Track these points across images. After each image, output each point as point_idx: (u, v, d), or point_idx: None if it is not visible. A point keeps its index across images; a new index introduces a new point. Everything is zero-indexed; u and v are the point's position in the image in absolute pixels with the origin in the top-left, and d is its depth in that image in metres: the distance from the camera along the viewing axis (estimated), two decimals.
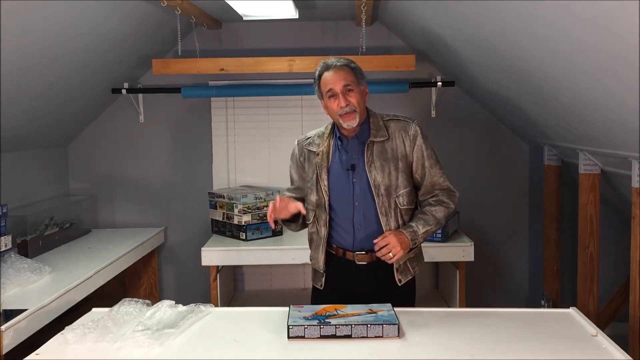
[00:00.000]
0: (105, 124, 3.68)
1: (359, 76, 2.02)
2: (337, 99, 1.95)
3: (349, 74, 1.98)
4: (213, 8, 3.13)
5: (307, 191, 2.10)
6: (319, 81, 2.02)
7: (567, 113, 2.42)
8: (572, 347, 1.65)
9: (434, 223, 2.01)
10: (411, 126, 2.03)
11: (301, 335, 1.71)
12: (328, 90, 1.97)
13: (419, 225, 1.98)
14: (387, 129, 2.03)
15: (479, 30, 2.37)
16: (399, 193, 2.00)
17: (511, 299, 3.69)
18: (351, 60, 2.03)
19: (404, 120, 2.06)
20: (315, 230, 2.09)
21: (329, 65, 2.00)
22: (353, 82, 1.97)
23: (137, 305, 1.88)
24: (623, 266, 2.84)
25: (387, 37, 3.56)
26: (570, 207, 3.36)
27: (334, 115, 1.99)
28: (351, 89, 1.96)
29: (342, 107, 1.94)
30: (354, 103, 1.95)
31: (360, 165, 2.00)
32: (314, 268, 2.14)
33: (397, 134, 2.02)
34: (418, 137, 2.03)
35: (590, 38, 1.65)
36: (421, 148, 2.03)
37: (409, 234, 1.95)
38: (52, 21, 2.29)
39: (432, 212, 2.02)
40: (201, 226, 3.63)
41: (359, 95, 1.98)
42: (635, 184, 2.27)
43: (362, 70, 2.04)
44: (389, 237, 1.93)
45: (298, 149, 2.15)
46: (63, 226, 3.17)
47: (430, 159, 2.04)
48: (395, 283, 2.04)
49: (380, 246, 1.93)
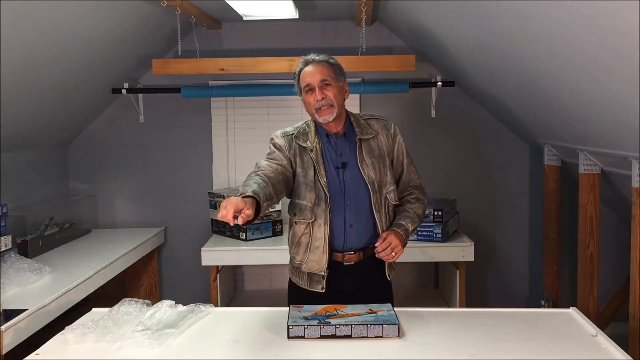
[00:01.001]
0: (105, 124, 3.68)
1: (338, 72, 2.01)
2: (313, 93, 1.95)
3: (326, 68, 1.98)
4: (213, 8, 3.13)
5: (299, 190, 1.98)
6: (298, 76, 2.02)
7: (567, 113, 2.42)
8: (572, 347, 1.65)
9: (417, 220, 2.07)
10: (391, 125, 2.08)
11: (301, 335, 1.71)
12: (306, 85, 1.97)
13: (408, 224, 2.02)
14: (370, 127, 2.04)
15: (479, 30, 2.37)
16: (389, 190, 2.02)
17: (511, 299, 3.69)
18: (330, 57, 2.03)
19: (383, 119, 2.09)
20: (307, 232, 1.98)
21: (308, 60, 2.01)
22: (331, 77, 1.97)
23: (137, 305, 1.88)
24: (623, 266, 2.84)
25: (387, 37, 3.56)
26: (570, 207, 3.36)
27: (310, 110, 1.98)
28: (328, 84, 1.96)
29: (318, 101, 1.93)
30: (330, 97, 1.94)
31: (352, 162, 1.99)
32: (309, 272, 2.03)
33: (381, 132, 2.05)
34: (398, 135, 2.08)
35: (590, 38, 1.65)
36: (401, 146, 2.08)
37: (403, 232, 1.99)
38: (52, 21, 2.29)
39: (414, 209, 2.07)
40: (201, 226, 3.62)
41: (336, 90, 1.97)
42: (635, 184, 2.27)
43: (342, 67, 2.04)
44: (389, 237, 1.94)
45: (285, 141, 2.01)
46: (63, 226, 3.17)
47: (407, 157, 2.10)
48: (385, 279, 2.06)
49: (383, 247, 1.93)
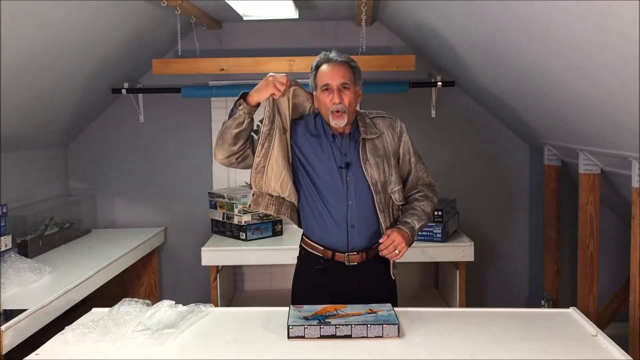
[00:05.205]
0: (105, 124, 3.68)
1: (357, 76, 2.00)
2: (331, 94, 1.94)
3: (348, 71, 1.96)
4: (213, 8, 3.13)
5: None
6: (315, 72, 1.99)
7: (567, 113, 2.42)
8: (572, 347, 1.65)
9: (425, 218, 2.04)
10: (397, 123, 2.06)
11: (301, 335, 1.70)
12: (324, 84, 1.95)
13: (415, 221, 1.99)
14: (375, 126, 2.03)
15: (478, 31, 2.37)
16: (394, 189, 2.01)
17: (511, 299, 3.69)
18: (352, 59, 2.01)
19: (389, 117, 2.07)
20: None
21: (329, 58, 1.98)
22: (350, 81, 1.96)
23: (137, 305, 1.88)
24: (623, 266, 2.84)
25: (387, 37, 3.56)
26: (570, 207, 3.36)
27: (325, 110, 1.97)
28: (347, 88, 1.94)
29: (335, 104, 1.92)
30: (345, 103, 1.93)
31: (355, 163, 1.98)
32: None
33: (386, 131, 2.03)
34: (404, 133, 2.06)
35: (590, 37, 1.65)
36: (408, 144, 2.06)
37: (408, 230, 1.96)
38: (52, 21, 2.29)
39: (422, 207, 2.04)
40: (201, 226, 3.62)
41: (352, 95, 1.96)
42: (635, 184, 2.27)
43: (361, 71, 2.03)
44: (392, 235, 1.93)
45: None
46: (63, 226, 3.17)
47: (415, 154, 2.08)
48: (390, 278, 2.06)
49: (386, 245, 1.92)
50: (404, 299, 2.31)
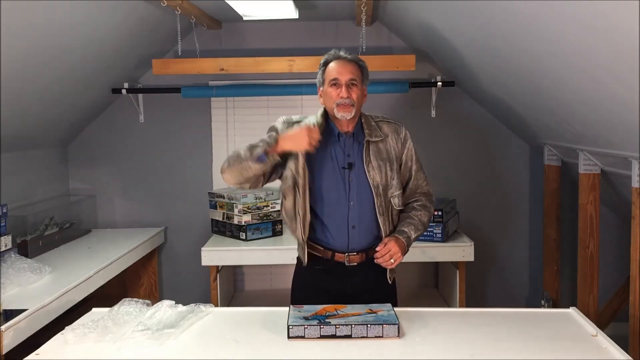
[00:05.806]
0: (105, 124, 3.68)
1: (365, 75, 2.03)
2: (339, 88, 1.95)
3: (356, 69, 1.99)
4: (213, 8, 3.13)
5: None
6: (324, 67, 2.02)
7: (567, 113, 2.42)
8: (572, 347, 1.65)
9: (422, 228, 2.05)
10: (402, 129, 2.07)
11: (301, 335, 1.71)
12: (333, 78, 1.97)
13: (411, 231, 2.00)
14: (380, 129, 2.03)
15: (479, 31, 2.37)
16: (394, 194, 2.01)
17: (511, 299, 3.69)
18: (361, 59, 2.04)
19: (395, 122, 2.08)
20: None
21: (339, 55, 2.01)
22: (358, 79, 1.98)
23: (137, 305, 1.88)
24: (623, 266, 2.84)
25: (387, 37, 3.56)
26: (570, 207, 3.36)
27: (330, 104, 1.98)
28: (355, 84, 1.97)
29: (342, 98, 1.94)
30: (353, 98, 1.95)
31: (359, 164, 1.99)
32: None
33: (390, 136, 2.04)
34: (408, 140, 2.07)
35: (590, 38, 1.65)
36: (411, 151, 2.07)
37: (405, 240, 1.97)
38: (52, 21, 2.29)
39: (419, 217, 2.05)
40: (201, 226, 3.63)
41: (359, 92, 1.99)
42: (635, 184, 2.28)
43: (368, 71, 2.05)
44: (389, 243, 1.94)
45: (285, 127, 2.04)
46: (63, 226, 3.17)
47: (417, 162, 2.09)
48: (386, 281, 2.06)
49: (382, 254, 1.93)
50: (404, 299, 2.32)
